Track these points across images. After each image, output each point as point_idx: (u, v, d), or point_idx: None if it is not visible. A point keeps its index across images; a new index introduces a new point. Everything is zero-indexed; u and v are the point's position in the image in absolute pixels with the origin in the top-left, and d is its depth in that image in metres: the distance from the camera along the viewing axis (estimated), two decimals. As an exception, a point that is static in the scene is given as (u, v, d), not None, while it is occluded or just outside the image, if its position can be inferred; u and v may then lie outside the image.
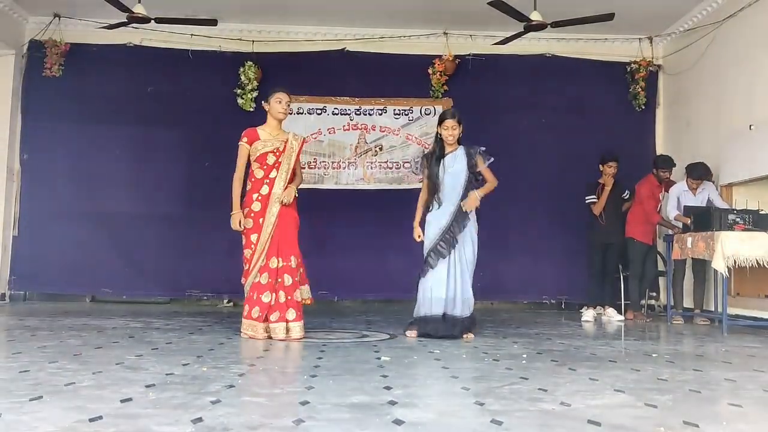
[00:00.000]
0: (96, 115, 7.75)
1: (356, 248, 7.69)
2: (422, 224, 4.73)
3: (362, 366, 3.25)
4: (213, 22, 6.79)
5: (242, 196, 4.51)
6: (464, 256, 4.63)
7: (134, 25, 6.58)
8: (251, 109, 7.58)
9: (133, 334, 4.48)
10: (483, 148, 4.79)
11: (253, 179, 4.47)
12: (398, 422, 2.09)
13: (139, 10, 6.23)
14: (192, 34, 7.67)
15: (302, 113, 7.91)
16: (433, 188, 4.71)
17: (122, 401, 2.32)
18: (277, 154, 4.44)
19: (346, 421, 2.11)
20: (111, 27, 6.70)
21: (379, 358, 3.52)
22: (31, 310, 6.51)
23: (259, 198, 4.41)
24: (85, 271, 7.58)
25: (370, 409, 2.29)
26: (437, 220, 4.64)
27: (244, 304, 4.48)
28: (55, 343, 3.93)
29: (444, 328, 4.50)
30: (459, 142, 4.79)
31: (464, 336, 4.53)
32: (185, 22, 6.75)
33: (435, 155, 4.77)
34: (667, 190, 6.56)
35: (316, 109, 7.96)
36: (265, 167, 4.44)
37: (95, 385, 2.62)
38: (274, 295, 4.36)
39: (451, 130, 4.70)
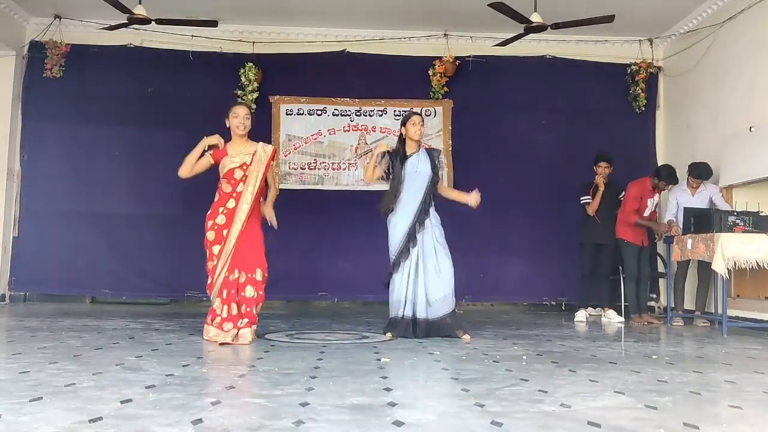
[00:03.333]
0: (96, 116, 7.75)
1: (356, 249, 7.68)
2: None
3: (362, 367, 3.25)
4: (213, 24, 6.80)
5: (208, 208, 4.54)
6: (432, 260, 4.63)
7: (135, 26, 6.59)
8: (251, 111, 7.57)
9: (133, 335, 4.48)
10: (438, 149, 4.97)
11: (220, 192, 4.43)
12: (398, 423, 2.09)
13: (139, 11, 6.23)
14: (192, 35, 7.68)
15: (302, 114, 7.92)
16: (396, 189, 4.72)
17: (122, 402, 2.32)
18: (244, 168, 4.36)
19: (346, 422, 2.11)
20: (111, 28, 6.71)
21: (379, 360, 3.52)
22: (31, 311, 6.52)
23: (224, 211, 4.36)
24: (85, 272, 7.58)
25: (370, 410, 2.29)
26: (403, 222, 4.69)
27: (208, 314, 4.40)
28: (55, 344, 3.93)
29: (419, 331, 4.56)
30: (419, 144, 4.85)
31: (462, 337, 4.55)
32: (186, 24, 6.76)
33: (399, 156, 4.78)
34: (659, 194, 6.58)
35: (317, 110, 7.96)
36: (232, 182, 4.37)
37: (95, 386, 2.62)
38: (226, 307, 4.28)
39: (419, 126, 4.74)
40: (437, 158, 4.82)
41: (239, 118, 4.38)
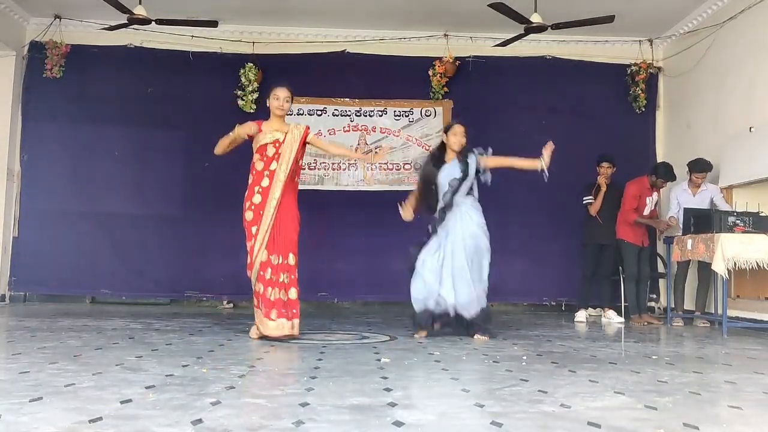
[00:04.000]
0: (96, 116, 7.76)
1: (356, 250, 7.69)
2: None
3: (362, 367, 3.25)
4: (213, 24, 6.80)
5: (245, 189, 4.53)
6: (464, 255, 4.71)
7: (135, 26, 6.59)
8: (251, 111, 7.58)
9: (132, 335, 4.48)
10: (479, 149, 4.97)
11: (254, 171, 4.50)
12: (398, 424, 2.09)
13: (139, 11, 6.24)
14: (192, 36, 7.69)
15: (302, 114, 7.92)
16: (428, 193, 4.81)
17: (122, 402, 2.32)
18: (277, 145, 4.47)
19: (345, 422, 2.11)
20: (111, 28, 6.71)
21: (379, 360, 3.52)
22: (31, 311, 6.52)
23: (260, 190, 4.42)
24: (85, 272, 7.58)
25: (370, 410, 2.29)
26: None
27: (256, 305, 4.42)
28: (55, 344, 3.93)
29: (455, 325, 4.68)
30: (461, 152, 4.93)
31: (475, 337, 4.59)
32: (186, 24, 6.76)
33: (436, 160, 4.88)
34: (658, 193, 6.58)
35: (317, 110, 7.96)
36: (265, 159, 4.46)
37: (95, 386, 2.62)
38: (270, 289, 4.34)
39: (461, 137, 4.83)
40: (477, 157, 4.90)
41: (280, 100, 4.56)
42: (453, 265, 4.70)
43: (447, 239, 4.73)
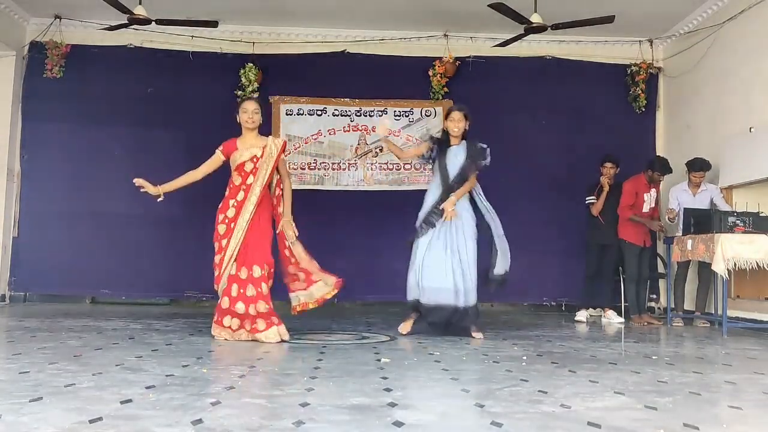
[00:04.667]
0: (96, 116, 7.76)
1: (356, 249, 7.68)
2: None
3: (362, 368, 3.25)
4: (214, 24, 6.80)
5: (219, 202, 4.59)
6: (464, 248, 4.75)
7: (135, 26, 6.59)
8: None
9: (132, 336, 4.48)
10: (484, 145, 4.96)
11: (231, 186, 4.49)
12: (398, 424, 2.09)
13: (139, 11, 6.23)
14: (193, 36, 7.69)
15: (302, 114, 7.92)
16: (441, 178, 4.87)
17: (122, 402, 2.32)
18: (255, 160, 4.43)
19: (346, 422, 2.11)
20: (112, 28, 6.71)
21: (379, 360, 3.52)
22: (31, 311, 6.51)
23: (234, 204, 4.41)
24: (85, 273, 7.58)
25: (370, 410, 2.29)
26: (430, 200, 4.90)
27: (215, 310, 4.43)
28: (55, 344, 3.93)
29: (454, 318, 4.68)
30: (464, 137, 4.94)
31: (474, 335, 4.64)
32: (186, 24, 6.76)
33: (442, 145, 4.94)
34: (657, 189, 6.57)
35: (317, 110, 7.96)
36: (242, 174, 4.44)
37: (95, 386, 2.62)
38: (244, 306, 4.29)
39: (458, 122, 4.87)
40: (473, 149, 4.89)
41: (248, 113, 4.47)
42: (461, 258, 4.73)
43: (449, 232, 4.75)
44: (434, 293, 4.69)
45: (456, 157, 4.87)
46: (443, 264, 4.72)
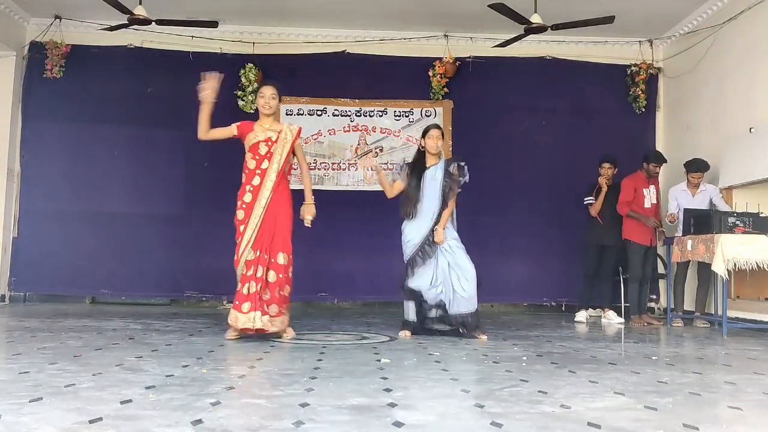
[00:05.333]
0: (96, 116, 7.76)
1: (356, 250, 7.69)
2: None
3: (362, 368, 3.25)
4: (214, 24, 6.80)
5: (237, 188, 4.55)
6: (457, 261, 4.74)
7: (135, 26, 6.59)
8: (252, 111, 7.58)
9: (132, 336, 4.48)
10: (462, 162, 4.87)
11: (246, 170, 4.49)
12: (398, 424, 2.09)
13: (139, 11, 6.24)
14: (193, 36, 7.69)
15: (302, 114, 7.92)
16: (411, 199, 4.80)
17: (122, 403, 2.32)
18: (269, 144, 4.46)
19: (345, 423, 2.11)
20: (112, 29, 6.71)
21: (378, 360, 3.52)
22: (30, 311, 6.51)
23: (251, 189, 4.43)
24: (85, 272, 7.59)
25: (370, 411, 2.29)
26: (416, 232, 4.77)
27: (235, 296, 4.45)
28: (55, 344, 3.93)
29: (447, 321, 4.70)
30: (440, 156, 4.91)
31: (479, 337, 4.64)
32: (186, 24, 6.76)
33: (417, 166, 4.88)
34: (656, 187, 6.57)
35: (317, 110, 7.97)
36: (257, 157, 4.45)
37: (95, 386, 2.62)
38: (247, 285, 4.31)
39: (436, 140, 4.83)
40: (451, 167, 4.82)
41: (266, 97, 4.52)
42: (453, 263, 4.72)
43: (441, 249, 4.76)
44: (436, 298, 4.72)
45: (433, 178, 4.80)
46: (446, 276, 4.72)
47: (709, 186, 6.42)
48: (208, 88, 4.43)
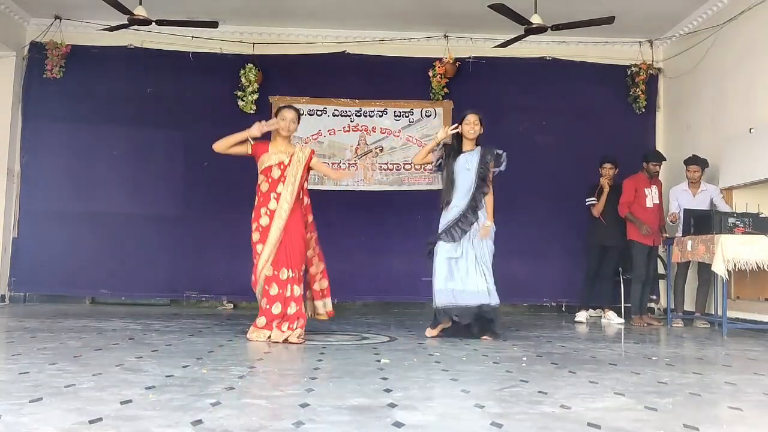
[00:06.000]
0: (96, 116, 7.76)
1: (356, 250, 7.69)
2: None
3: (362, 368, 3.25)
4: (214, 25, 6.80)
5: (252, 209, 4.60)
6: (488, 253, 4.78)
7: (135, 27, 6.58)
8: (252, 111, 7.59)
9: (132, 336, 4.48)
10: (500, 151, 4.85)
11: (259, 193, 4.53)
12: (398, 425, 2.09)
13: (139, 12, 6.23)
14: (193, 36, 7.69)
15: (302, 114, 7.88)
16: (449, 184, 4.79)
17: (122, 403, 2.32)
18: (282, 168, 4.51)
19: (346, 423, 2.11)
20: (112, 29, 6.70)
21: (378, 361, 3.52)
22: (30, 311, 6.51)
23: (267, 212, 4.47)
24: (85, 273, 7.59)
25: (370, 411, 2.29)
26: (453, 212, 4.79)
27: (259, 314, 4.49)
28: (54, 344, 3.93)
29: (479, 319, 4.68)
30: (477, 142, 4.88)
31: (483, 338, 4.64)
32: (186, 25, 6.76)
33: (453, 150, 4.84)
34: (658, 187, 6.56)
35: (317, 110, 7.97)
36: (270, 180, 4.50)
37: (95, 386, 2.62)
38: (281, 306, 4.38)
39: (473, 125, 4.82)
40: (488, 156, 4.81)
41: (287, 121, 4.57)
42: (477, 255, 4.73)
43: (475, 241, 4.76)
44: (469, 297, 4.68)
45: (468, 163, 4.80)
46: (474, 270, 4.72)
47: (710, 186, 6.42)
48: (269, 127, 4.54)
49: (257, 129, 4.48)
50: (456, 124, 4.88)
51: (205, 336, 4.59)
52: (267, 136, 4.67)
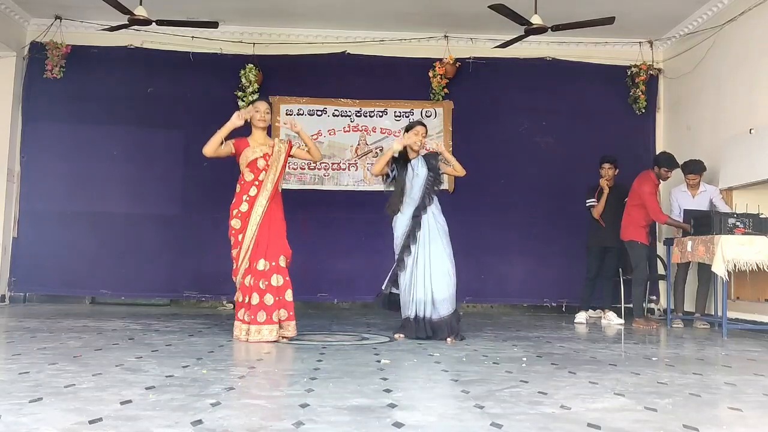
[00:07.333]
0: (96, 116, 7.77)
1: (356, 250, 7.69)
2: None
3: (362, 369, 3.25)
4: (214, 25, 6.80)
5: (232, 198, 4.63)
6: (435, 252, 4.69)
7: (135, 27, 6.58)
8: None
9: (132, 336, 4.48)
10: (432, 151, 5.00)
11: (242, 182, 4.59)
12: (398, 425, 2.09)
13: (140, 12, 6.23)
14: (193, 37, 7.69)
15: (302, 114, 7.92)
16: (402, 191, 4.87)
17: (122, 403, 2.32)
18: (266, 158, 4.59)
19: (345, 423, 2.11)
20: (112, 29, 6.70)
21: (378, 361, 3.52)
22: (30, 311, 6.51)
23: (247, 199, 4.52)
24: (85, 273, 7.59)
25: (370, 411, 2.29)
26: (403, 221, 4.86)
27: (234, 305, 4.57)
28: (54, 344, 3.93)
29: (417, 330, 4.59)
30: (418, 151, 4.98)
31: (447, 339, 4.52)
32: (186, 25, 6.76)
33: (401, 160, 4.91)
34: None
35: (317, 110, 7.97)
36: (255, 171, 4.57)
37: (95, 386, 2.62)
38: (258, 297, 4.37)
39: (422, 137, 4.89)
40: (432, 159, 4.93)
41: (260, 112, 4.66)
42: (430, 254, 4.68)
43: (421, 239, 4.75)
44: (429, 304, 4.63)
45: (418, 169, 4.88)
46: (421, 276, 4.68)
47: (710, 187, 6.42)
48: (246, 114, 4.58)
49: (237, 118, 4.52)
50: (411, 135, 4.87)
51: (205, 336, 4.59)
52: (246, 132, 4.68)
